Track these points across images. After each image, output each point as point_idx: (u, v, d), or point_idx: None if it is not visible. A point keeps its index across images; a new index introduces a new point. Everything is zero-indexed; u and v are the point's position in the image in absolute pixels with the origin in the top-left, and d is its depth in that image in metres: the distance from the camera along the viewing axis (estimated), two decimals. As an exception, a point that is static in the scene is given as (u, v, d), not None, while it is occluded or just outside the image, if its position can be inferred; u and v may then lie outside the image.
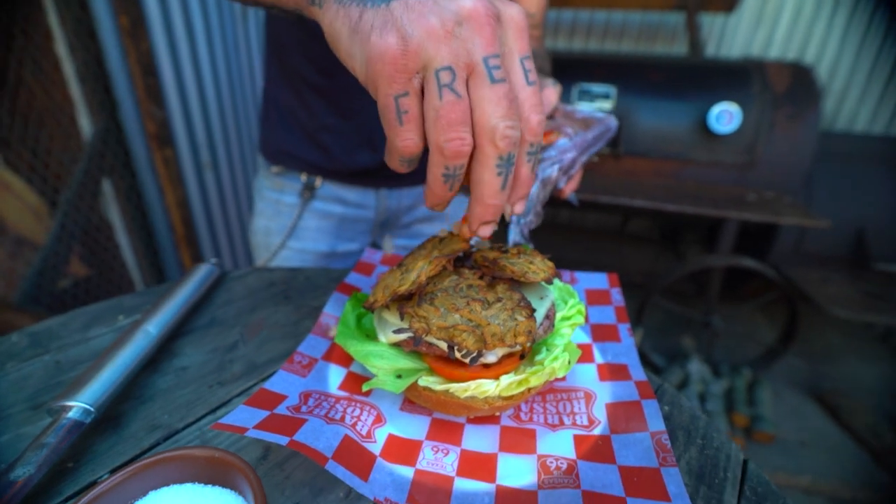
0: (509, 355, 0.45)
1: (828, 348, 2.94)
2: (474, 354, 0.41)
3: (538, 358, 0.47)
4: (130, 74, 1.58)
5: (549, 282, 0.47)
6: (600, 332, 0.61)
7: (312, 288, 0.77)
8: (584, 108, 0.74)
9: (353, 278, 0.71)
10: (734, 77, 2.30)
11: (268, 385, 0.49)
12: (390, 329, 0.47)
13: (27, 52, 1.46)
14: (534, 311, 0.44)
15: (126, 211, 1.75)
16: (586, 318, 0.63)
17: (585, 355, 0.58)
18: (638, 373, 0.53)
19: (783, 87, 2.23)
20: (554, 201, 2.54)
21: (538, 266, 0.47)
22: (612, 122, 0.73)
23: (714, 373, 2.61)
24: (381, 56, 0.32)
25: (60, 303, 1.59)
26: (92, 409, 0.47)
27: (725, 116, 2.20)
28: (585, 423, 0.47)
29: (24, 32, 1.40)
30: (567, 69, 2.47)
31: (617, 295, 0.67)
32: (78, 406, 0.46)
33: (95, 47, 1.53)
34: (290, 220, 0.98)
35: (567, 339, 0.50)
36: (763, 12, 2.97)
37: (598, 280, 0.70)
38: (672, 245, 3.42)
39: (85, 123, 1.60)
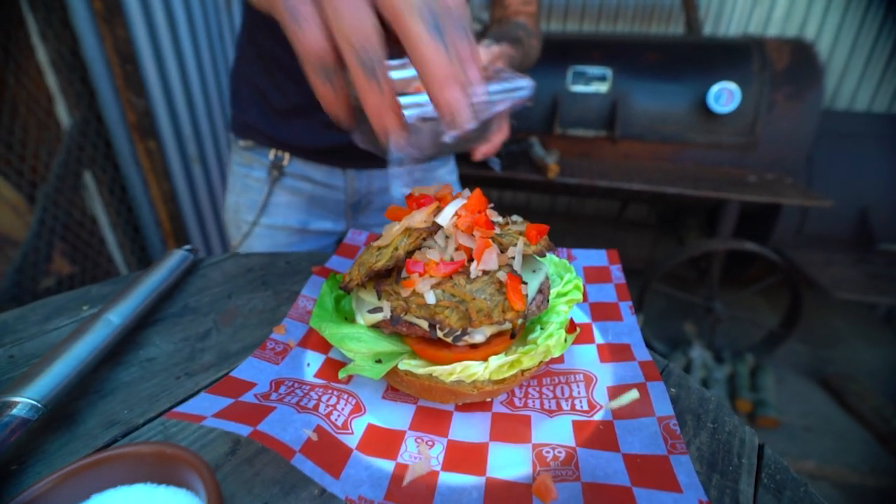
0: (499, 334, 0.41)
1: (831, 332, 2.91)
2: (458, 333, 0.37)
3: (531, 337, 0.43)
4: (108, 62, 1.52)
5: (542, 254, 0.42)
6: (600, 311, 0.57)
7: (293, 273, 0.72)
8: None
9: (334, 262, 0.67)
10: (733, 55, 2.25)
11: (235, 373, 0.45)
12: (367, 309, 0.42)
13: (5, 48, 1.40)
14: (524, 283, 0.39)
15: (110, 205, 1.70)
16: (585, 297, 0.59)
17: (585, 335, 0.53)
18: (642, 353, 0.49)
19: (783, 65, 2.18)
20: (552, 188, 2.49)
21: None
22: (528, 83, 0.65)
23: (716, 359, 2.58)
24: None
25: (45, 301, 1.54)
26: (40, 405, 0.42)
27: (725, 96, 2.15)
28: (585, 407, 0.43)
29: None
30: (562, 51, 2.41)
31: (617, 272, 0.63)
32: (24, 402, 0.42)
33: (69, 34, 1.47)
34: (260, 196, 0.94)
35: (564, 317, 0.45)
36: (761, -10, 2.90)
37: (596, 257, 0.66)
38: (672, 230, 3.38)
39: (63, 114, 1.54)
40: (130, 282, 0.61)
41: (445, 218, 0.41)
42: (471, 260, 0.39)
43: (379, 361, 0.42)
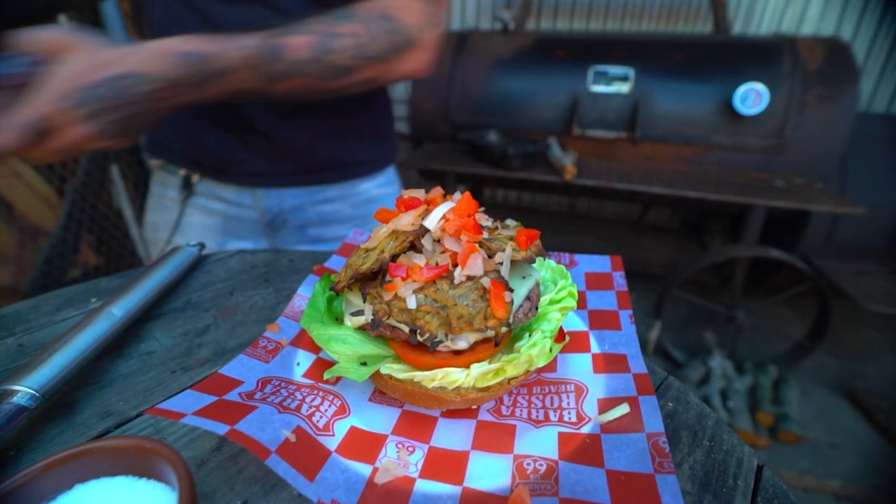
0: (483, 341, 0.40)
1: (862, 345, 2.78)
2: (437, 339, 0.36)
3: (518, 345, 0.42)
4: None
5: (531, 260, 0.41)
6: (599, 319, 0.55)
7: (295, 271, 0.73)
8: None
9: (334, 261, 0.67)
10: (762, 55, 2.16)
11: (224, 370, 0.45)
12: (351, 311, 0.42)
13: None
14: (510, 290, 0.38)
15: (135, 199, 1.76)
16: (583, 304, 0.57)
17: (581, 344, 0.52)
18: (638, 364, 0.47)
19: (816, 65, 2.09)
20: (569, 190, 2.45)
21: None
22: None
23: (738, 369, 2.49)
24: None
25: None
26: (38, 395, 0.44)
27: (752, 97, 2.07)
28: (573, 419, 0.42)
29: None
30: (582, 51, 2.37)
31: (620, 279, 0.61)
32: (24, 391, 0.43)
33: (99, 29, 1.53)
34: (174, 216, 0.94)
35: (555, 325, 0.44)
36: (796, -13, 2.79)
37: (599, 263, 0.64)
38: (695, 235, 3.28)
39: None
40: (136, 276, 0.62)
41: (433, 221, 0.40)
42: (456, 265, 0.39)
43: (364, 364, 0.42)
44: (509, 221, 0.49)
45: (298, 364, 0.49)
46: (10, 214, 1.45)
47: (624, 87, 2.26)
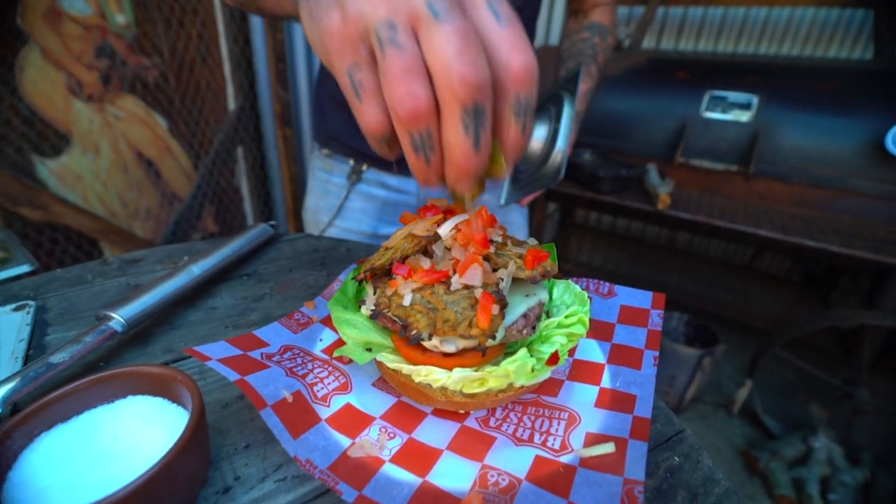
0: (474, 349, 0.41)
1: None
2: (419, 337, 0.39)
3: (511, 358, 0.42)
4: (267, 59, 1.83)
5: (535, 280, 0.41)
6: (620, 355, 0.53)
7: (350, 259, 0.80)
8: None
9: (380, 255, 0.73)
10: (934, 90, 1.80)
11: (258, 332, 0.52)
12: (360, 300, 0.46)
13: (202, 42, 1.78)
14: (503, 304, 0.39)
15: (251, 179, 2.03)
16: (608, 336, 0.55)
17: (592, 375, 0.50)
18: (644, 408, 0.45)
19: None
20: (662, 220, 2.28)
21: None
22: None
23: (850, 459, 2.10)
24: (328, 33, 0.31)
25: (192, 250, 1.92)
26: (126, 324, 0.55)
27: (911, 139, 1.74)
28: (556, 447, 0.41)
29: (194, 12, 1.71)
30: (699, 73, 2.19)
31: (657, 317, 0.57)
32: (117, 318, 0.55)
33: (243, 35, 1.80)
34: (338, 200, 1.03)
35: (557, 348, 0.44)
36: None
37: (640, 298, 0.61)
38: (818, 290, 2.83)
39: (230, 100, 1.89)
40: (219, 243, 0.74)
41: (445, 230, 0.43)
42: (456, 272, 0.41)
43: (369, 350, 0.46)
44: (530, 240, 0.49)
45: (321, 340, 0.55)
46: (158, 181, 1.78)
47: (743, 116, 2.04)
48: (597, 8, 0.98)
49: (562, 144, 0.41)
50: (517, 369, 0.39)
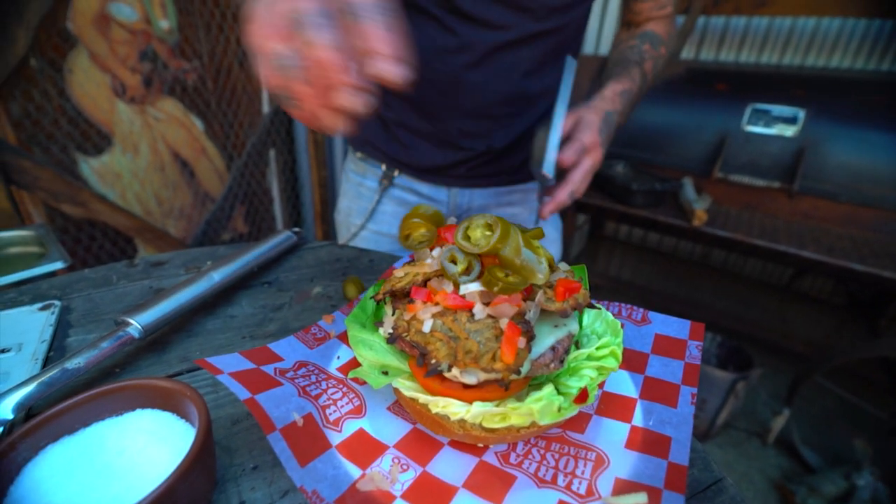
0: (495, 381, 0.38)
1: None
2: (438, 367, 0.36)
3: (535, 395, 0.39)
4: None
5: (565, 314, 0.38)
6: (654, 389, 0.49)
7: (373, 271, 0.79)
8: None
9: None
10: None
11: (272, 345, 0.51)
12: (376, 322, 0.44)
13: (240, 46, 1.82)
14: (530, 336, 0.36)
15: (280, 182, 2.06)
16: (641, 368, 0.51)
17: (623, 412, 0.46)
18: (681, 454, 0.41)
19: None
20: (697, 237, 2.19)
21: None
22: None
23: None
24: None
25: (221, 250, 1.96)
26: (143, 330, 0.54)
27: (977, 159, 1.61)
28: (582, 491, 0.38)
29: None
30: (741, 85, 2.10)
31: (695, 349, 0.53)
32: (135, 324, 0.55)
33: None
34: (370, 204, 1.03)
35: (586, 384, 0.41)
36: None
37: (677, 327, 0.57)
38: (865, 316, 2.65)
39: (265, 103, 1.93)
40: (241, 249, 0.73)
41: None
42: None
43: (385, 373, 0.44)
44: (562, 265, 0.46)
45: (338, 358, 0.53)
46: (192, 181, 1.82)
47: (788, 130, 1.93)
48: (651, 21, 0.94)
49: (554, 140, 0.40)
50: (542, 409, 0.35)
